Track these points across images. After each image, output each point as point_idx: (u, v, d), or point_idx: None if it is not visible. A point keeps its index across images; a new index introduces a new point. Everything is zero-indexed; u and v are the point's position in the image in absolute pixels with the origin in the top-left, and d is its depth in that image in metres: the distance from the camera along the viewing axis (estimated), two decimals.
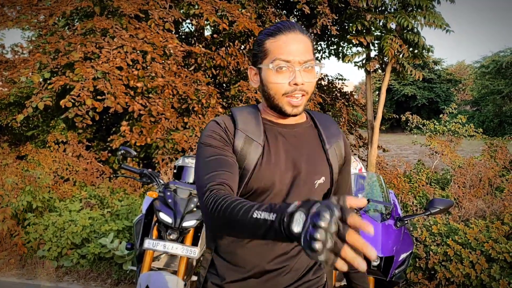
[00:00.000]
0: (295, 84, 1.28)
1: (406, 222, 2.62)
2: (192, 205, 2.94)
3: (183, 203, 2.92)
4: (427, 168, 8.07)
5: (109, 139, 7.10)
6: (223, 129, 1.33)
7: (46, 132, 7.69)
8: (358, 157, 9.83)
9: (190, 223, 2.89)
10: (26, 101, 6.17)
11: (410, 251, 2.57)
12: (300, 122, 1.42)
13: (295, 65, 1.29)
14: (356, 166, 3.17)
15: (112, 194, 6.25)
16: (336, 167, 1.42)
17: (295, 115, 1.34)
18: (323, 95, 9.40)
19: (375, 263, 2.45)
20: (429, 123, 9.13)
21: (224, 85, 8.96)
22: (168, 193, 2.94)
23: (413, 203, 5.73)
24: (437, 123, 9.23)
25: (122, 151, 3.02)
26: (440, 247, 3.99)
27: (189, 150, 6.55)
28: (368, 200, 2.60)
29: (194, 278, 3.63)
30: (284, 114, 1.34)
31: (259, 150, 1.31)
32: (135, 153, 3.08)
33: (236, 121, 1.34)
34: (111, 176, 7.23)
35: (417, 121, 9.15)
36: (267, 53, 1.32)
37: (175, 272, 2.97)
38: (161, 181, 3.06)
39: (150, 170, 3.12)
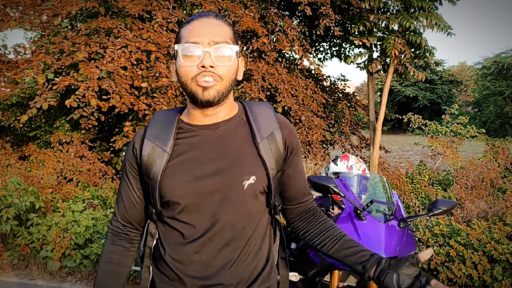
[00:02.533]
0: (203, 66, 1.18)
1: (409, 223, 2.62)
2: None
3: None
4: (429, 169, 8.08)
5: (112, 139, 7.13)
6: (131, 150, 1.33)
7: (49, 132, 7.72)
8: (361, 157, 9.85)
9: None
10: (29, 101, 6.20)
11: (413, 252, 2.57)
12: (226, 119, 1.29)
13: (204, 45, 1.19)
14: (359, 167, 3.18)
15: (115, 195, 6.27)
16: (271, 162, 1.27)
17: (208, 102, 1.21)
18: (325, 95, 9.42)
19: None
20: (431, 124, 9.14)
21: None
22: None
23: (415, 204, 5.75)
24: (438, 124, 9.23)
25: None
26: (443, 248, 4.00)
27: None
28: (372, 201, 2.61)
29: None
30: (198, 103, 1.22)
31: (165, 158, 1.23)
32: None
33: (147, 128, 1.29)
34: (114, 176, 7.25)
35: (419, 122, 9.16)
36: (180, 40, 1.25)
37: None
38: None
39: None
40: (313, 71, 9.75)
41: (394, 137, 27.77)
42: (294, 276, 2.81)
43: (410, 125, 9.42)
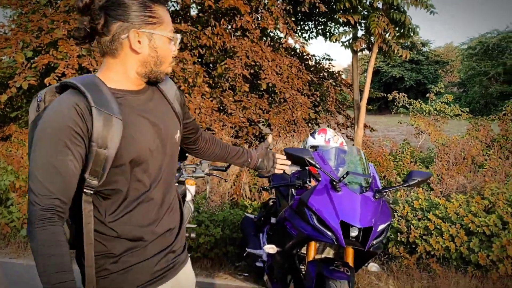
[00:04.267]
0: (175, 56, 1.42)
1: (384, 193, 2.64)
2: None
3: None
4: (412, 147, 8.14)
5: None
6: (74, 121, 1.21)
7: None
8: (347, 136, 9.88)
9: None
10: (9, 81, 6.09)
11: (389, 222, 2.60)
12: (144, 86, 1.41)
13: (175, 40, 1.38)
14: (337, 140, 3.19)
15: None
16: (181, 117, 1.51)
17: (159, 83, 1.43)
18: (310, 74, 9.40)
19: (353, 234, 2.48)
20: (415, 103, 9.17)
21: (211, 65, 8.92)
22: None
23: (396, 180, 5.80)
24: (423, 103, 9.28)
25: None
26: (421, 222, 4.05)
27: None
28: (347, 173, 2.62)
29: None
30: (154, 81, 1.40)
31: (120, 124, 1.25)
32: None
33: (88, 97, 1.22)
34: None
35: (403, 100, 9.19)
36: (162, 22, 1.33)
37: None
38: None
39: None
40: (298, 50, 9.71)
41: (380, 117, 27.86)
42: (271, 249, 2.84)
43: (395, 103, 9.43)
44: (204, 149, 1.81)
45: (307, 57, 10.08)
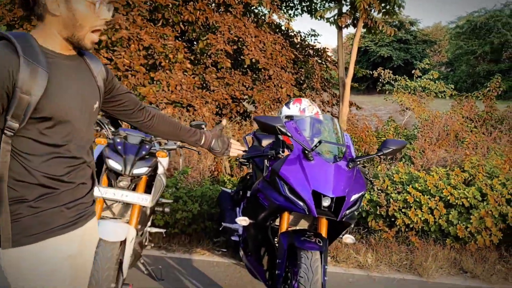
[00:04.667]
0: (105, 19, 1.43)
1: (358, 163, 2.58)
2: (144, 152, 2.84)
3: (133, 149, 2.82)
4: (397, 124, 8.11)
5: None
6: (8, 63, 1.29)
7: None
8: (332, 114, 9.82)
9: (141, 170, 2.80)
10: None
11: (362, 192, 2.54)
12: (75, 55, 1.49)
13: (104, 2, 1.41)
14: (312, 110, 3.10)
15: None
16: (102, 91, 1.60)
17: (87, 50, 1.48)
18: (295, 52, 9.27)
19: (325, 204, 2.42)
20: (400, 79, 9.11)
21: (194, 42, 8.75)
22: (118, 140, 2.84)
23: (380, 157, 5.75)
24: (408, 80, 9.22)
25: None
26: (401, 195, 4.02)
27: (157, 103, 6.40)
28: (320, 141, 2.54)
29: (156, 229, 3.58)
30: (79, 47, 1.45)
31: (45, 76, 1.33)
32: None
33: (18, 47, 1.30)
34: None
35: (388, 77, 9.12)
36: None
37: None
38: (111, 127, 2.93)
39: (98, 116, 2.99)
40: (282, 27, 9.55)
41: (368, 97, 27.83)
42: (243, 221, 2.77)
43: (380, 80, 9.35)
44: (149, 123, 1.86)
45: (292, 34, 9.93)
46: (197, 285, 3.41)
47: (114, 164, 2.76)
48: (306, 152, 2.49)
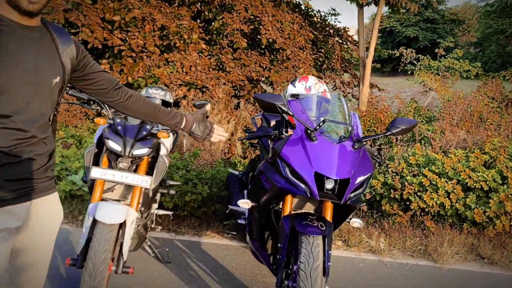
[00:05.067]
0: None
1: (364, 143, 2.44)
2: (144, 133, 2.77)
3: (133, 130, 2.75)
4: (420, 105, 7.85)
5: None
6: None
7: None
8: (352, 96, 9.59)
9: (141, 151, 2.73)
10: None
11: (369, 174, 2.40)
12: (37, 26, 1.47)
13: None
14: (319, 88, 2.96)
15: (92, 134, 6.10)
16: (68, 68, 1.57)
17: (31, 13, 1.38)
18: (315, 31, 9.05)
19: (329, 186, 2.30)
20: (423, 59, 8.79)
21: (212, 22, 8.62)
22: (118, 120, 2.77)
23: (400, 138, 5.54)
24: (431, 60, 8.90)
25: None
26: (416, 178, 3.86)
27: (171, 85, 6.34)
28: (324, 121, 2.41)
29: (163, 212, 3.53)
30: (19, 10, 1.37)
31: None
32: None
33: None
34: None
35: (410, 57, 8.81)
36: None
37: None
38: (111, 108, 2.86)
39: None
40: (302, 6, 9.32)
41: (393, 79, 27.23)
42: (245, 203, 2.68)
43: (402, 60, 9.05)
44: (125, 103, 1.82)
45: (312, 13, 9.68)
46: (203, 268, 3.36)
47: (113, 145, 2.69)
48: (309, 132, 2.37)
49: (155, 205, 3.46)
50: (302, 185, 2.30)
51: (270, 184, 2.49)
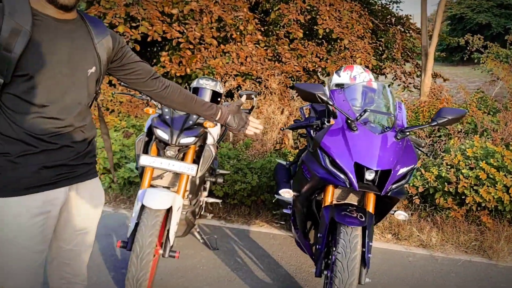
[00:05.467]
0: None
1: (408, 133, 2.37)
2: (191, 122, 2.85)
3: (180, 119, 2.84)
4: (487, 95, 7.45)
5: None
6: None
7: None
8: (414, 86, 9.27)
9: (188, 140, 2.81)
10: None
11: (412, 166, 2.33)
12: (73, 19, 1.53)
13: None
14: (365, 77, 2.90)
15: None
16: (104, 59, 1.63)
17: (66, 7, 1.44)
18: (375, 20, 8.82)
19: (369, 177, 2.26)
20: (491, 46, 8.30)
21: (269, 13, 8.62)
22: (166, 110, 2.87)
23: (458, 130, 5.31)
24: (500, 48, 8.39)
25: None
26: (473, 171, 3.69)
27: (226, 76, 6.44)
28: (365, 110, 2.37)
29: (212, 200, 3.62)
30: (55, 4, 1.42)
31: (27, 35, 1.38)
32: None
33: (4, 6, 1.37)
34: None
35: (477, 44, 8.35)
36: None
37: None
38: None
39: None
40: None
41: (462, 68, 25.99)
42: (287, 193, 2.70)
43: (468, 48, 8.59)
44: (162, 93, 1.87)
45: (372, 1, 9.42)
46: (250, 256, 3.42)
47: (161, 133, 2.80)
48: (350, 122, 2.34)
49: (205, 193, 3.56)
50: (342, 176, 2.28)
51: (310, 174, 2.49)
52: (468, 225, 3.69)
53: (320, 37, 7.97)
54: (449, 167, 3.83)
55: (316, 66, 7.51)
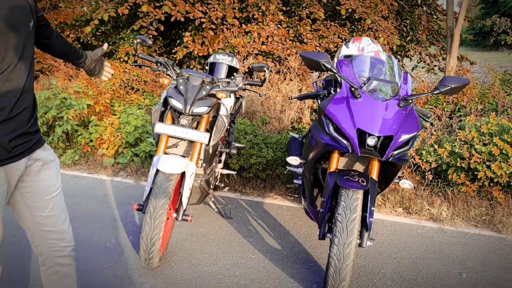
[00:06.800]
0: None
1: (410, 102, 2.41)
2: (204, 92, 2.95)
3: (194, 90, 2.95)
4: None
5: (173, 50, 7.28)
6: None
7: (115, 44, 8.03)
8: (439, 69, 9.14)
9: (201, 109, 2.92)
10: (92, 14, 6.46)
11: (415, 133, 2.38)
12: None
13: None
14: (373, 49, 2.94)
15: None
16: (34, 11, 1.66)
17: None
18: (400, 1, 8.71)
19: (371, 143, 2.33)
20: None
21: None
22: (181, 80, 2.98)
23: (478, 109, 5.28)
24: None
25: (139, 40, 3.05)
26: (486, 147, 3.69)
27: (247, 55, 6.52)
28: (369, 78, 2.43)
29: (227, 171, 3.75)
30: None
31: None
32: (151, 42, 3.11)
33: None
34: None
35: (505, 25, 8.17)
36: None
37: None
38: (176, 69, 3.08)
39: (165, 59, 3.15)
40: None
41: (495, 53, 25.33)
42: (294, 160, 2.78)
43: (494, 29, 8.42)
44: (55, 43, 1.96)
45: None
46: (262, 225, 3.53)
47: (175, 103, 2.91)
48: (353, 89, 2.40)
49: (220, 165, 3.69)
50: (344, 141, 2.36)
51: (315, 141, 2.57)
52: (479, 200, 3.71)
53: (344, 17, 7.95)
54: (462, 143, 3.84)
55: (337, 47, 7.51)
